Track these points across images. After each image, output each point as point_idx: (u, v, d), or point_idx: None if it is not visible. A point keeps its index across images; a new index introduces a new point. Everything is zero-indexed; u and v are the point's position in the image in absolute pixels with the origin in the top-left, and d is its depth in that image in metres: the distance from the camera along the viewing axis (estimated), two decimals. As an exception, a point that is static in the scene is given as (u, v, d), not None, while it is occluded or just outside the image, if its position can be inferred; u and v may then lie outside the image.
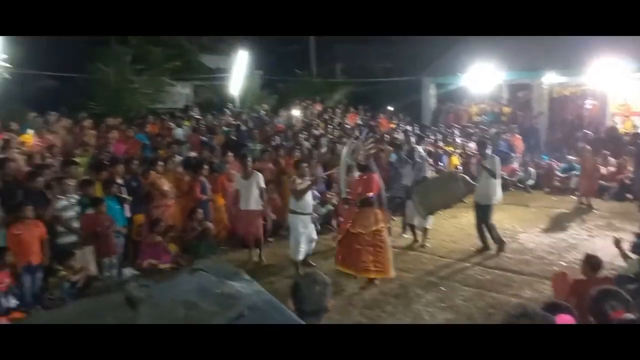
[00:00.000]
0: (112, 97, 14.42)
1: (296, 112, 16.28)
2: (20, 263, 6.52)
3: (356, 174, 7.58)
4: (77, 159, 8.60)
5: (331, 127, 14.54)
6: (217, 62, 20.06)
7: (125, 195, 7.99)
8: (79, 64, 14.48)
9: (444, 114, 18.60)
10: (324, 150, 11.49)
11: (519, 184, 13.39)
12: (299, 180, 7.59)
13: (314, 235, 7.90)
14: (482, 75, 16.38)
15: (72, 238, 7.21)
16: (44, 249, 6.76)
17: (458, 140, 14.17)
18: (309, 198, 7.69)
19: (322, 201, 9.95)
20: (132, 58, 16.37)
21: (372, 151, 8.05)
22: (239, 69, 16.80)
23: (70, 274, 6.96)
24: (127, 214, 8.07)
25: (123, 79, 14.88)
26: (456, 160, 12.87)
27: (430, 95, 19.66)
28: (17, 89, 13.26)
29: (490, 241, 8.40)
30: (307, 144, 11.68)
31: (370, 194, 7.00)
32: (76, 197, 7.40)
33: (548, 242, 8.88)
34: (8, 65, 10.91)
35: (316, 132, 13.36)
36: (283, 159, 10.51)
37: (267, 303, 1.65)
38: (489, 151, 8.42)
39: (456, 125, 16.18)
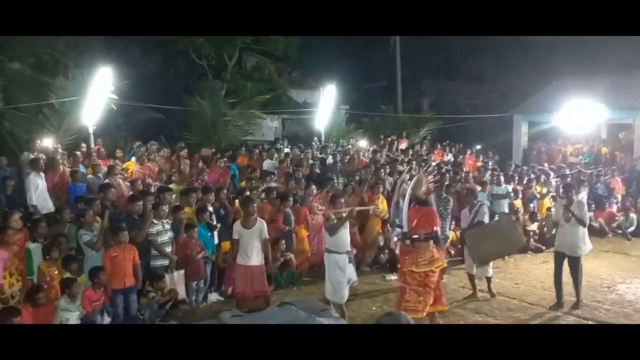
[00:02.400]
0: (206, 129, 15.22)
1: (381, 148, 16.29)
2: (115, 285, 6.92)
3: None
4: (172, 186, 9.09)
5: (415, 163, 14.38)
6: (305, 96, 20.71)
7: (215, 223, 8.30)
8: (179, 97, 15.49)
9: (536, 153, 17.88)
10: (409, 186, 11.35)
11: (618, 230, 12.50)
12: (332, 216, 7.12)
13: (353, 276, 7.20)
14: (578, 113, 15.61)
15: (164, 261, 7.56)
16: (137, 272, 7.14)
17: (552, 181, 13.51)
18: (346, 235, 7.10)
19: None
20: (226, 92, 17.31)
21: (435, 185, 7.82)
22: (326, 104, 17.16)
23: (160, 295, 7.29)
24: (215, 241, 8.38)
25: (217, 111, 15.69)
26: (548, 202, 12.25)
27: (522, 133, 19.01)
28: (122, 119, 14.41)
29: (563, 298, 7.62)
30: (390, 180, 11.62)
31: (428, 230, 6.45)
32: (169, 222, 7.80)
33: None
34: (115, 97, 11.83)
35: (400, 168, 13.26)
36: (366, 193, 10.51)
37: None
38: (582, 195, 7.91)
39: (550, 166, 15.47)
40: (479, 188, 11.88)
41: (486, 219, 8.18)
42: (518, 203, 11.83)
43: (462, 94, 24.83)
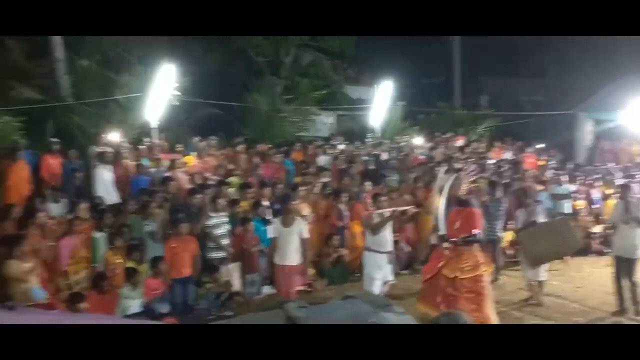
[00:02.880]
0: (263, 125, 15.45)
1: (437, 145, 16.05)
2: (174, 274, 7.17)
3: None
4: (231, 181, 9.32)
5: (472, 160, 14.07)
6: (360, 93, 20.61)
7: (269, 217, 8.45)
8: (237, 94, 15.80)
9: (600, 152, 17.11)
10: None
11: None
12: (375, 214, 7.07)
13: (389, 277, 7.16)
14: (646, 112, 14.83)
15: (220, 253, 7.77)
16: (195, 263, 7.37)
17: (619, 181, 12.88)
18: (388, 235, 7.07)
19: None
20: (282, 88, 17.49)
21: (475, 185, 7.54)
22: (382, 100, 17.04)
23: (216, 287, 7.50)
24: (270, 234, 8.51)
25: (273, 107, 15.89)
26: (613, 202, 11.70)
27: (586, 131, 18.22)
28: (183, 115, 14.83)
29: (628, 303, 7.21)
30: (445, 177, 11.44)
31: (472, 232, 6.13)
32: (226, 215, 8.01)
33: None
34: (177, 93, 12.20)
35: (457, 166, 13.02)
36: (421, 191, 10.39)
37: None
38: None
39: (615, 165, 14.78)
40: (539, 187, 11.55)
41: (540, 219, 7.92)
42: (581, 204, 11.39)
43: (522, 90, 24.04)
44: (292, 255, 6.99)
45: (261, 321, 1.75)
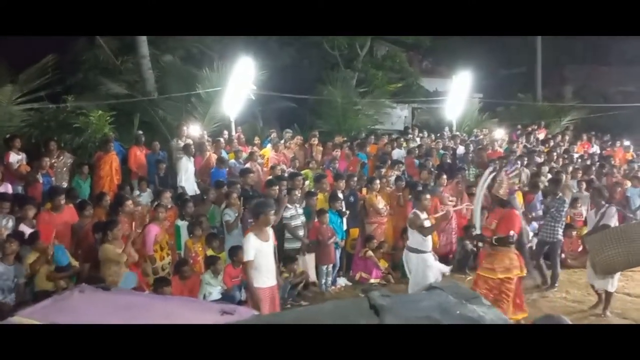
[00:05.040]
0: (338, 117, 15.54)
1: (517, 138, 15.46)
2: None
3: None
4: (305, 173, 9.45)
5: (556, 155, 13.45)
6: (436, 84, 20.23)
7: (344, 210, 8.49)
8: (312, 87, 15.96)
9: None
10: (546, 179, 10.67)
11: None
12: (423, 216, 6.82)
13: (444, 269, 7.26)
14: None
15: (296, 244, 7.91)
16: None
17: None
18: (433, 235, 6.97)
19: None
20: (357, 81, 17.49)
21: (517, 184, 6.99)
22: (458, 92, 16.63)
23: (292, 276, 7.65)
24: (344, 227, 8.57)
25: (348, 100, 15.92)
26: None
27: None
28: (259, 108, 15.20)
29: None
30: (527, 172, 11.01)
31: (509, 233, 5.83)
32: (302, 207, 8.13)
33: None
34: (254, 87, 12.50)
35: (538, 160, 12.49)
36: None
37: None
38: None
39: None
40: (628, 184, 10.86)
41: (613, 223, 7.19)
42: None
43: (611, 80, 22.61)
44: (274, 275, 5.79)
45: (345, 308, 1.77)
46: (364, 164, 10.97)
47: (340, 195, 8.64)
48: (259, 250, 5.43)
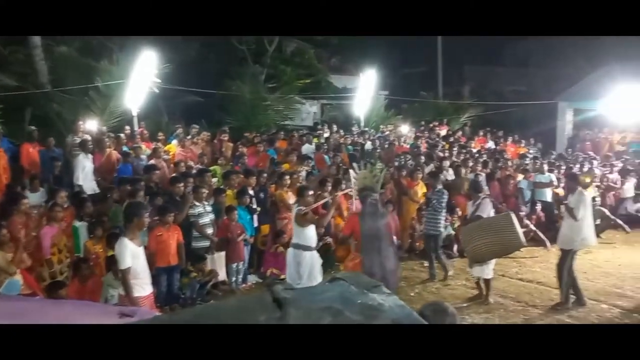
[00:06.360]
0: (247, 113, 15.38)
1: (421, 134, 16.14)
2: (160, 263, 7.10)
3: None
4: (214, 169, 9.24)
5: (456, 149, 14.19)
6: (345, 82, 20.62)
7: (254, 206, 8.41)
8: (219, 81, 15.66)
9: (580, 141, 17.38)
10: (449, 173, 11.23)
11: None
12: (302, 208, 6.66)
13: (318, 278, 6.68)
14: (626, 101, 15.05)
15: (205, 243, 7.71)
16: (181, 252, 7.30)
17: (597, 170, 13.11)
18: (312, 231, 6.70)
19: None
20: (265, 77, 17.41)
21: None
22: (365, 90, 17.06)
23: (201, 276, 7.46)
24: (255, 223, 8.50)
25: (257, 96, 15.82)
26: (593, 192, 11.88)
27: (567, 121, 18.48)
28: (164, 103, 14.68)
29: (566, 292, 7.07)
30: (432, 166, 11.51)
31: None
32: (210, 204, 7.94)
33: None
34: (158, 80, 12.04)
35: (440, 155, 13.12)
36: (405, 179, 10.44)
37: (410, 317, 1.66)
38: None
39: (593, 155, 14.99)
40: (520, 176, 11.70)
41: (486, 214, 7.48)
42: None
43: (505, 79, 24.26)
44: (150, 282, 5.43)
45: (247, 303, 1.74)
46: (274, 160, 10.94)
47: (250, 192, 8.55)
48: (136, 256, 5.07)
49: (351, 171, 4.27)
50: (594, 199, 11.53)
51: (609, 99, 15.63)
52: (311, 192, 7.02)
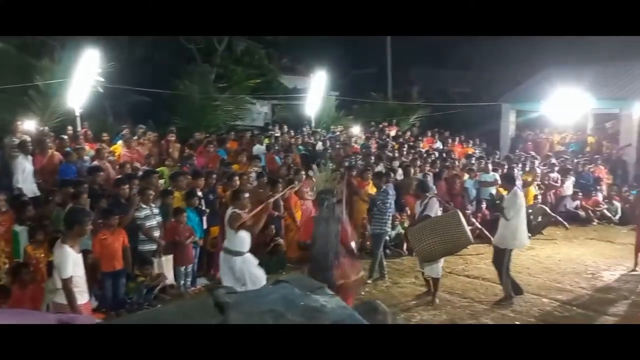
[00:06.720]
0: (195, 113, 15.13)
1: (371, 134, 16.35)
2: (105, 268, 6.90)
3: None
4: (161, 171, 9.04)
5: (405, 150, 14.45)
6: (295, 82, 20.63)
7: (203, 208, 8.28)
8: (166, 81, 15.34)
9: (522, 141, 18.04)
10: (399, 173, 11.41)
11: (603, 219, 12.70)
12: (237, 211, 6.43)
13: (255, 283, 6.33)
14: (566, 102, 15.75)
15: (152, 246, 7.53)
16: (126, 255, 7.11)
17: (538, 170, 13.64)
18: (245, 235, 6.44)
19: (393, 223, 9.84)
20: (215, 76, 17.18)
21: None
22: (316, 90, 17.13)
23: (149, 280, 7.28)
24: (204, 225, 8.36)
25: (206, 96, 15.59)
26: (533, 191, 12.37)
27: (510, 121, 19.14)
28: (108, 103, 14.26)
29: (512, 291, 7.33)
30: (381, 167, 11.66)
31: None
32: (157, 206, 7.76)
33: (635, 282, 8.33)
34: (102, 79, 11.68)
35: (390, 155, 13.32)
36: (355, 179, 10.54)
37: (352, 318, 1.67)
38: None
39: (534, 154, 15.59)
40: (466, 176, 12.03)
41: (434, 213, 7.38)
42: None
43: (450, 81, 24.91)
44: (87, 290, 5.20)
45: (189, 308, 1.71)
46: (224, 161, 10.81)
47: (199, 193, 8.41)
48: (77, 263, 4.90)
49: (311, 172, 4.28)
50: (535, 197, 12.06)
51: (549, 101, 16.29)
52: (247, 195, 6.84)
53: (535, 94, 17.29)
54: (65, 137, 10.11)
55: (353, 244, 6.17)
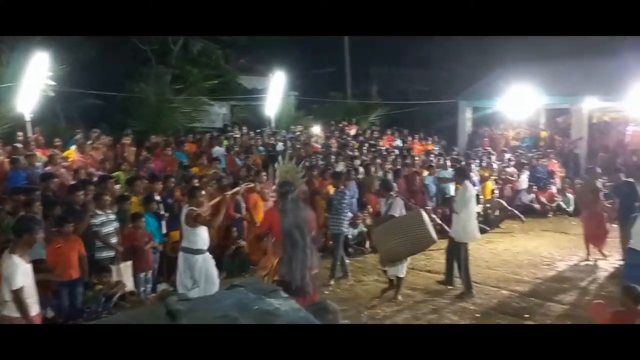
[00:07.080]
0: (152, 116, 14.82)
1: (332, 134, 16.39)
2: (61, 277, 6.67)
3: None
4: (117, 175, 8.82)
5: (365, 148, 14.55)
6: (254, 82, 20.48)
7: (162, 212, 8.12)
8: (120, 83, 14.97)
9: (479, 138, 18.44)
10: (360, 171, 11.48)
11: (557, 211, 13.11)
12: (194, 209, 6.33)
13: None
14: (520, 99, 16.19)
15: (109, 253, 7.34)
16: (82, 263, 6.90)
17: (494, 165, 13.98)
18: (204, 232, 6.39)
19: (354, 222, 9.89)
20: (171, 78, 16.86)
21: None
22: (275, 90, 17.04)
23: (107, 288, 7.09)
24: (163, 230, 8.20)
25: (163, 98, 15.30)
26: (491, 185, 12.66)
27: (466, 118, 19.53)
28: (60, 106, 13.82)
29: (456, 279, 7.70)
30: (342, 166, 11.71)
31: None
32: (113, 212, 7.56)
33: (587, 271, 8.63)
34: (53, 82, 11.31)
35: (350, 154, 13.39)
36: (316, 179, 10.55)
37: (305, 320, 1.66)
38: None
39: (491, 150, 15.96)
40: (425, 172, 12.20)
41: (398, 213, 7.37)
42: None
43: (408, 79, 25.20)
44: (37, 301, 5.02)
45: (140, 317, 1.66)
46: (182, 164, 10.63)
47: (158, 197, 8.24)
48: (26, 274, 4.70)
49: (276, 164, 4.26)
50: (493, 191, 12.35)
51: (504, 98, 16.71)
52: (203, 193, 6.77)
53: (491, 92, 17.71)
54: (19, 146, 9.73)
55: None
